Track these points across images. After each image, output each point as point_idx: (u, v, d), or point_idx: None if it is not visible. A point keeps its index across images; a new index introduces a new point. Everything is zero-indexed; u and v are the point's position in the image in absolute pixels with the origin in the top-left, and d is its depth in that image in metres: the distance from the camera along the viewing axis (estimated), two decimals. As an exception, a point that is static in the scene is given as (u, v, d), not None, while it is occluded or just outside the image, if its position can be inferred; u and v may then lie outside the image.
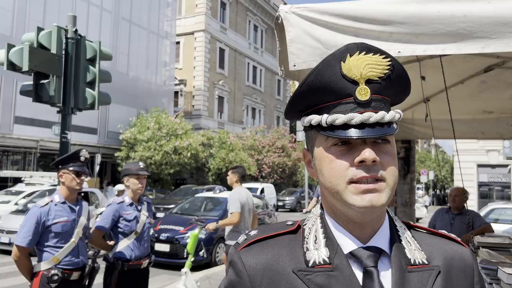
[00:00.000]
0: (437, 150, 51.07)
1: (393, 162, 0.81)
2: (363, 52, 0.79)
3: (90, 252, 3.63)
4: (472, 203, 18.39)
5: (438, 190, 52.75)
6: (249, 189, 7.05)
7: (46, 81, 5.56)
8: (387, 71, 0.80)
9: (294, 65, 2.13)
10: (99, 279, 3.50)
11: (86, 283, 3.34)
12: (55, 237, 3.11)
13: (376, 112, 0.79)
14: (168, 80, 27.46)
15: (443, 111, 3.44)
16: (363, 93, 0.79)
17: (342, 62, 0.79)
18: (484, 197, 20.36)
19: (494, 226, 5.64)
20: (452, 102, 3.11)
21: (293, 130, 35.28)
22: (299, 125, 11.88)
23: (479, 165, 20.46)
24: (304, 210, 7.32)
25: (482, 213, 9.37)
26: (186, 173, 24.63)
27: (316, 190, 6.62)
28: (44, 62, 5.42)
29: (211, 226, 5.21)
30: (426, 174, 35.15)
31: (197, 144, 22.32)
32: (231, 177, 5.41)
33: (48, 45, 5.56)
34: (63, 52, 5.72)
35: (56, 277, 3.05)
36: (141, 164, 3.79)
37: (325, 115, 0.81)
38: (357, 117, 0.78)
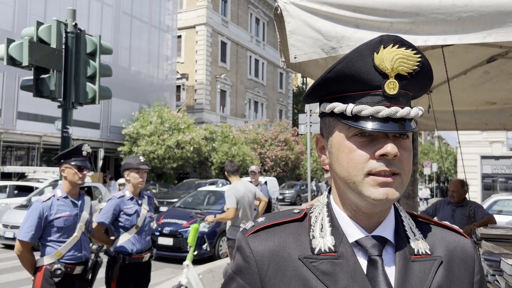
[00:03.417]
0: (440, 142, 50.92)
1: (409, 158, 0.82)
2: (397, 45, 0.79)
3: (94, 247, 3.64)
4: (475, 195, 18.34)
5: (441, 183, 52.63)
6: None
7: (47, 75, 5.54)
8: (416, 67, 0.80)
9: (295, 57, 2.10)
10: (101, 273, 3.52)
11: (89, 277, 3.36)
12: (58, 232, 3.11)
13: (402, 108, 0.79)
14: (170, 74, 27.42)
15: (445, 103, 3.42)
16: (391, 87, 0.79)
17: (375, 53, 0.78)
18: (488, 188, 20.28)
19: (498, 217, 5.61)
20: (454, 93, 3.09)
21: (295, 123, 35.21)
22: (302, 118, 11.81)
23: (483, 157, 20.35)
24: (303, 206, 7.27)
25: (485, 205, 9.34)
26: (189, 167, 24.67)
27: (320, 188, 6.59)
28: (44, 56, 5.40)
29: (209, 218, 5.36)
30: (429, 166, 35.05)
31: (199, 138, 22.33)
32: (227, 176, 5.56)
33: (48, 39, 5.54)
34: (63, 47, 5.70)
35: (59, 272, 3.06)
36: (142, 158, 3.79)
37: (351, 105, 0.80)
38: (384, 111, 0.78)
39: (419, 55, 0.80)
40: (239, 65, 34.20)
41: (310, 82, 40.17)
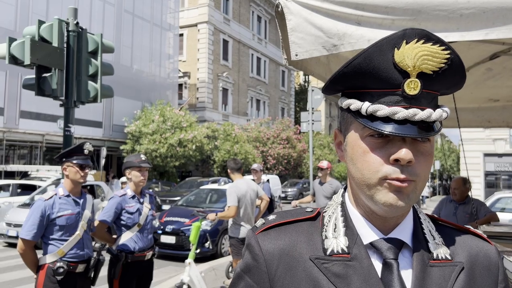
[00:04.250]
0: (443, 140, 50.80)
1: (428, 163, 0.77)
2: (422, 41, 0.72)
3: (97, 245, 3.65)
4: (478, 193, 18.31)
5: (444, 180, 52.52)
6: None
7: (48, 74, 5.55)
8: (444, 64, 0.72)
9: (296, 55, 2.09)
10: (103, 271, 3.52)
11: (92, 276, 3.36)
12: (60, 230, 3.12)
13: (422, 109, 0.73)
14: (172, 72, 27.43)
15: (448, 100, 3.40)
16: (412, 86, 0.72)
17: (396, 48, 0.72)
18: (491, 186, 20.25)
19: (500, 215, 5.59)
20: (456, 90, 3.06)
21: (298, 121, 35.17)
22: (304, 116, 11.78)
23: (486, 154, 20.31)
24: (293, 203, 7.28)
25: (488, 202, 9.33)
26: (191, 165, 24.69)
27: (312, 188, 6.59)
28: (46, 55, 5.40)
29: (211, 216, 5.38)
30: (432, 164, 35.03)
31: (201, 137, 22.35)
32: (229, 173, 5.60)
33: (49, 38, 5.54)
34: (65, 45, 5.71)
35: (61, 270, 3.07)
36: (143, 157, 3.79)
37: (367, 103, 0.75)
38: (401, 112, 0.72)
39: (448, 51, 0.72)
40: (241, 63, 34.17)
41: (312, 79, 39.95)
